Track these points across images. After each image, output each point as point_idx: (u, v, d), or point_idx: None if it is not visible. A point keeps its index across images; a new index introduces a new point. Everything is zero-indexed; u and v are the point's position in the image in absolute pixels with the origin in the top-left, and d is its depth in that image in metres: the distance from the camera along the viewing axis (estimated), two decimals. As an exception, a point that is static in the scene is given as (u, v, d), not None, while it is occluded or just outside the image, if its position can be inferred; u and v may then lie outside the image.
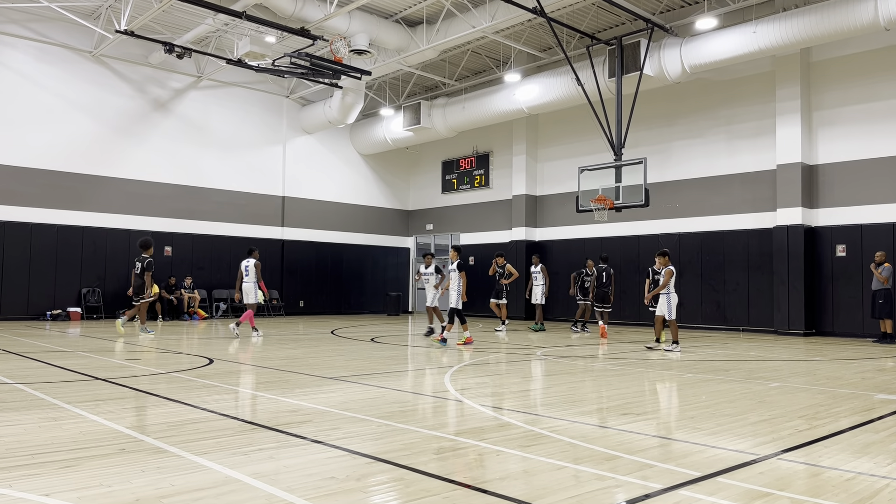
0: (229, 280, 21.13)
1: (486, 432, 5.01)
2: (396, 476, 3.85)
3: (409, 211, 26.24)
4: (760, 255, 16.67)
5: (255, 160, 22.09)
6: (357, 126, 24.18)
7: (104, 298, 18.65)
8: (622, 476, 3.88)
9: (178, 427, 5.02)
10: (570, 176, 18.78)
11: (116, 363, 9.06)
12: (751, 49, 14.95)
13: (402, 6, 17.53)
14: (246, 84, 21.77)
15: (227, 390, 6.88)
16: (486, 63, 21.08)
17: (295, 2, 15.68)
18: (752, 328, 16.68)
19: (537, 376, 8.47)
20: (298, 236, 22.84)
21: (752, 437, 4.94)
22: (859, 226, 15.31)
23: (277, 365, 9.14)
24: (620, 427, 5.30)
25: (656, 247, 18.45)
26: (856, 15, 13.46)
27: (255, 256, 14.37)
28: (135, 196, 19.43)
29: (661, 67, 16.29)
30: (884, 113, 15.13)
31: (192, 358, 9.74)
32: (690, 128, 18.27)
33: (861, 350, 12.24)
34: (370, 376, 8.13)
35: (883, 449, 4.62)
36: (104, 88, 19.06)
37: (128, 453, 4.25)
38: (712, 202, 17.74)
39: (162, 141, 20.06)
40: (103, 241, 18.76)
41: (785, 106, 16.15)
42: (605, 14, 17.62)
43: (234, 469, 3.91)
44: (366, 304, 24.40)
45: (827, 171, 15.99)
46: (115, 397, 6.35)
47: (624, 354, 11.23)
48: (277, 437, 4.77)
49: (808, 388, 7.47)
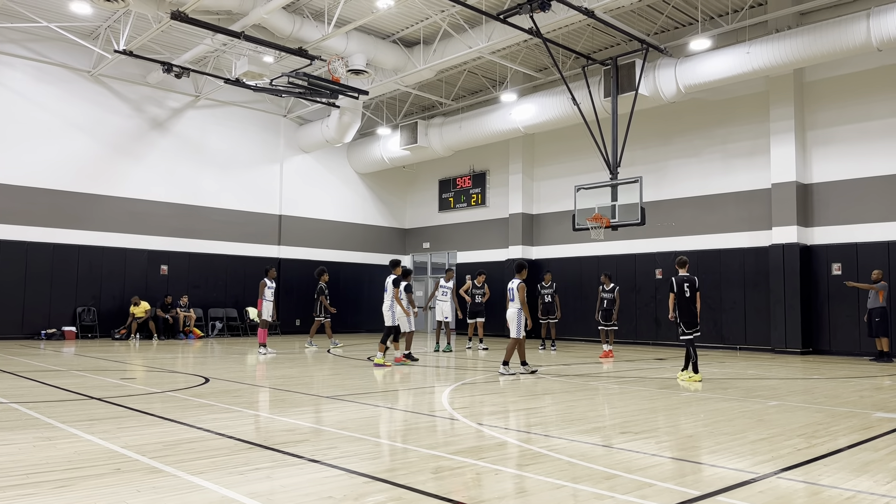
0: (225, 299, 21.12)
1: (483, 451, 4.98)
2: (394, 496, 3.82)
3: (406, 229, 26.27)
4: (757, 273, 16.70)
5: (252, 179, 22.14)
6: (354, 145, 24.28)
7: (99, 317, 18.57)
8: (621, 495, 3.86)
9: (174, 446, 4.98)
10: (567, 194, 18.82)
11: (111, 382, 9.00)
12: (745, 69, 15.10)
13: (399, 27, 17.69)
14: (244, 103, 21.88)
15: (223, 409, 6.84)
16: (483, 83, 21.23)
17: (293, 22, 15.81)
18: (750, 347, 16.66)
19: (535, 395, 8.44)
20: (295, 255, 22.82)
21: (751, 456, 4.92)
22: (854, 244, 15.36)
23: (274, 384, 9.09)
24: (619, 446, 5.27)
25: (653, 265, 18.51)
26: (848, 36, 13.62)
27: (272, 276, 14.63)
28: (132, 215, 19.43)
29: (657, 87, 16.43)
30: (877, 132, 15.25)
31: (187, 377, 9.69)
32: (686, 147, 18.39)
33: (858, 368, 12.22)
34: (367, 395, 8.09)
35: (882, 467, 4.60)
36: (102, 108, 19.13)
37: (123, 473, 4.21)
38: (708, 221, 17.80)
39: (159, 160, 20.10)
40: (99, 259, 18.72)
41: (779, 125, 16.28)
42: (601, 35, 17.80)
43: (231, 489, 3.87)
44: (362, 322, 24.32)
45: (821, 190, 16.08)
46: (110, 416, 6.31)
47: (623, 373, 11.20)
48: (274, 456, 4.73)
49: (807, 407, 7.45)
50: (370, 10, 15.53)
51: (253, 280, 21.71)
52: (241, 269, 21.46)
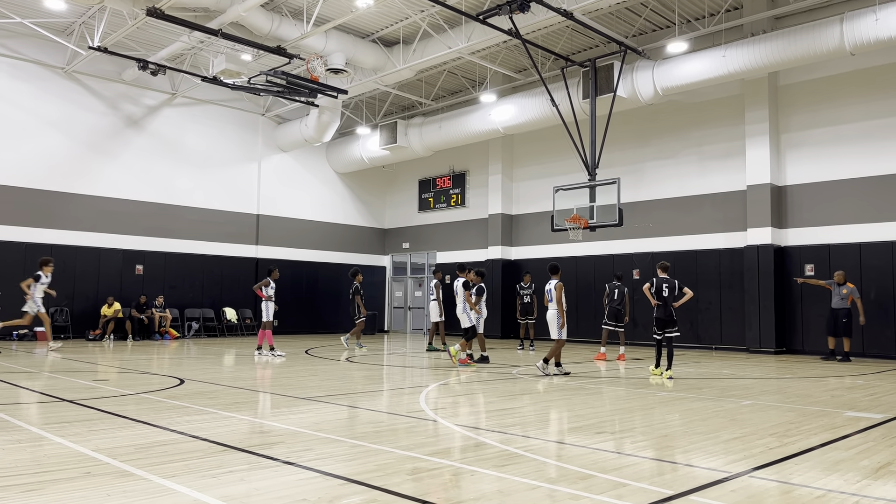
0: (202, 299, 20.91)
1: (460, 452, 4.98)
2: (369, 498, 3.80)
3: (385, 229, 26.20)
4: (732, 274, 16.90)
5: (229, 178, 21.94)
6: (333, 144, 24.17)
7: (72, 318, 18.27)
8: (596, 495, 3.87)
9: (146, 449, 4.92)
10: (546, 195, 18.91)
11: (83, 384, 8.86)
12: (720, 73, 15.28)
13: (378, 26, 17.64)
14: (221, 101, 21.67)
15: (197, 411, 6.76)
16: (463, 83, 21.25)
17: (271, 20, 15.70)
18: (725, 346, 16.86)
19: (512, 395, 8.46)
20: (273, 255, 22.65)
21: (724, 455, 4.98)
22: (827, 246, 15.61)
23: (250, 385, 9.01)
24: (595, 446, 5.30)
25: (631, 266, 18.64)
26: (822, 40, 13.83)
27: (275, 276, 14.24)
28: (106, 214, 19.15)
29: (634, 89, 16.56)
30: (850, 136, 15.51)
31: (162, 378, 9.57)
32: (663, 149, 18.55)
33: (830, 368, 12.42)
34: (344, 396, 8.05)
35: (853, 466, 4.67)
36: (76, 105, 18.83)
37: (93, 477, 4.15)
38: (684, 222, 17.98)
39: (135, 158, 19.84)
40: (72, 259, 18.42)
41: (754, 128, 16.49)
42: (579, 37, 17.90)
43: (203, 492, 3.83)
44: (341, 322, 24.19)
45: (795, 192, 16.32)
46: (82, 419, 6.21)
47: (600, 373, 11.27)
48: (248, 458, 4.69)
49: (779, 406, 7.55)
50: (349, 8, 15.47)
51: (230, 280, 21.58)
52: (218, 269, 21.26)
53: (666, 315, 10.45)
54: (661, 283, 10.53)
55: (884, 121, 15.02)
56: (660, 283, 10.55)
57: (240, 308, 21.51)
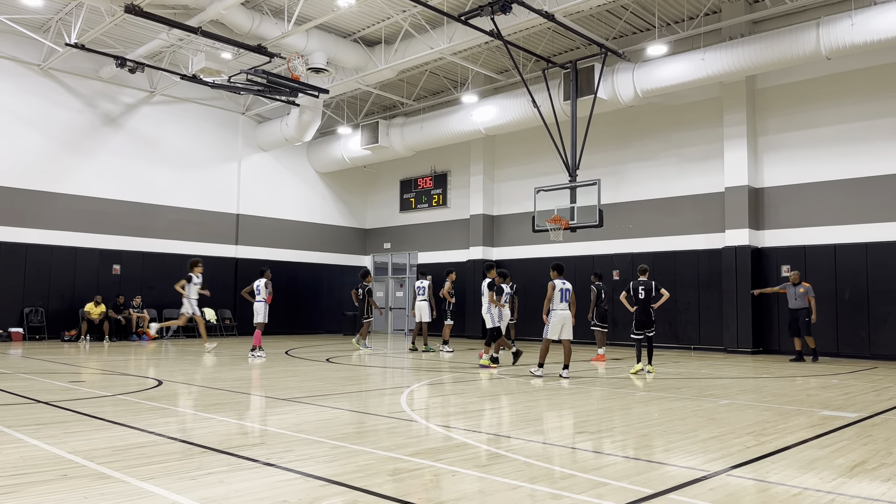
0: (181, 299, 20.61)
1: (441, 452, 4.98)
2: (350, 499, 3.79)
3: (366, 229, 26.12)
4: (710, 274, 17.08)
5: (209, 177, 21.74)
6: (314, 144, 24.06)
7: (47, 318, 18.00)
8: (577, 495, 3.90)
9: (124, 451, 4.86)
10: (527, 196, 18.97)
11: (60, 385, 8.73)
12: (699, 75, 15.44)
13: (360, 26, 17.59)
14: (200, 100, 21.47)
15: (175, 413, 6.70)
16: (444, 84, 21.26)
17: (252, 19, 15.58)
18: (703, 346, 17.03)
19: (493, 396, 8.48)
20: (253, 255, 22.48)
21: (702, 454, 5.03)
22: (803, 247, 15.83)
23: (229, 386, 8.94)
24: (575, 446, 5.33)
25: (611, 267, 18.76)
26: (799, 44, 14.03)
27: (268, 276, 14.29)
28: (82, 213, 18.88)
29: (615, 91, 16.68)
30: (825, 139, 15.75)
31: (140, 379, 9.46)
32: (643, 150, 18.70)
33: (805, 368, 12.60)
34: (325, 397, 8.01)
35: (828, 464, 4.75)
36: (53, 102, 18.55)
37: (70, 479, 4.09)
38: (664, 223, 18.14)
39: (112, 157, 19.59)
40: (48, 259, 18.14)
41: (732, 131, 16.69)
42: (561, 38, 17.98)
43: (182, 494, 3.79)
44: (322, 323, 24.11)
45: (772, 194, 16.53)
46: (58, 421, 6.12)
47: (580, 373, 11.33)
48: (228, 460, 4.65)
49: (756, 405, 7.64)
50: (331, 8, 15.41)
51: (209, 280, 21.19)
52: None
53: (646, 316, 11.07)
54: (638, 286, 11.18)
55: (858, 124, 15.27)
56: (637, 285, 11.20)
57: (219, 308, 21.32)
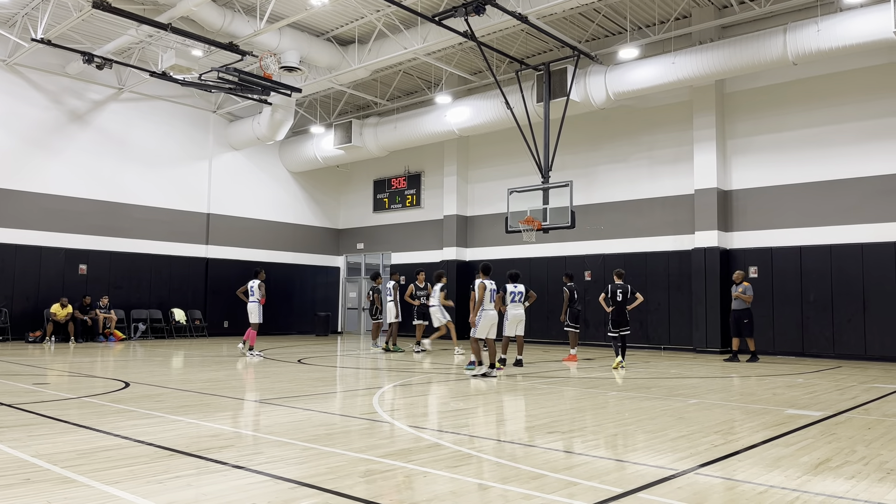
0: (149, 300, 20.37)
1: (413, 453, 4.97)
2: (321, 501, 3.76)
3: (339, 230, 25.98)
4: (680, 275, 17.31)
5: (179, 176, 21.43)
6: (287, 143, 23.86)
7: (11, 319, 17.56)
8: (548, 494, 3.92)
9: (89, 455, 4.77)
10: (500, 197, 19.06)
11: (23, 388, 8.54)
12: (670, 79, 15.64)
13: (333, 25, 17.49)
14: (170, 98, 21.16)
15: (142, 415, 6.59)
16: (418, 84, 21.24)
17: (223, 16, 15.40)
18: (673, 346, 17.25)
19: (465, 396, 8.49)
20: (223, 254, 22.23)
21: (671, 453, 5.09)
22: (770, 249, 16.12)
23: (198, 388, 8.82)
24: (546, 445, 5.36)
25: (583, 267, 18.91)
26: (766, 50, 14.29)
27: (261, 277, 14.21)
28: (48, 211, 18.48)
29: (587, 94, 16.82)
30: (792, 143, 16.06)
31: (106, 381, 9.29)
32: (614, 152, 18.89)
33: (772, 367, 12.83)
34: (296, 398, 7.95)
35: (793, 462, 4.84)
36: (18, 98, 18.12)
37: (33, 483, 4.00)
38: (635, 224, 18.33)
39: (79, 154, 19.20)
40: (11, 258, 17.73)
41: (701, 134, 16.94)
42: (534, 41, 18.08)
43: (148, 498, 3.73)
44: (294, 324, 23.92)
45: (740, 197, 16.81)
46: (21, 424, 5.98)
47: (551, 372, 11.40)
48: (196, 463, 4.59)
49: (724, 405, 7.77)
50: (304, 6, 15.30)
51: (179, 280, 21.09)
52: (167, 269, 20.76)
53: (621, 316, 12.15)
54: (615, 289, 12.19)
55: (824, 129, 15.60)
56: (615, 288, 12.21)
57: (189, 309, 21.04)
